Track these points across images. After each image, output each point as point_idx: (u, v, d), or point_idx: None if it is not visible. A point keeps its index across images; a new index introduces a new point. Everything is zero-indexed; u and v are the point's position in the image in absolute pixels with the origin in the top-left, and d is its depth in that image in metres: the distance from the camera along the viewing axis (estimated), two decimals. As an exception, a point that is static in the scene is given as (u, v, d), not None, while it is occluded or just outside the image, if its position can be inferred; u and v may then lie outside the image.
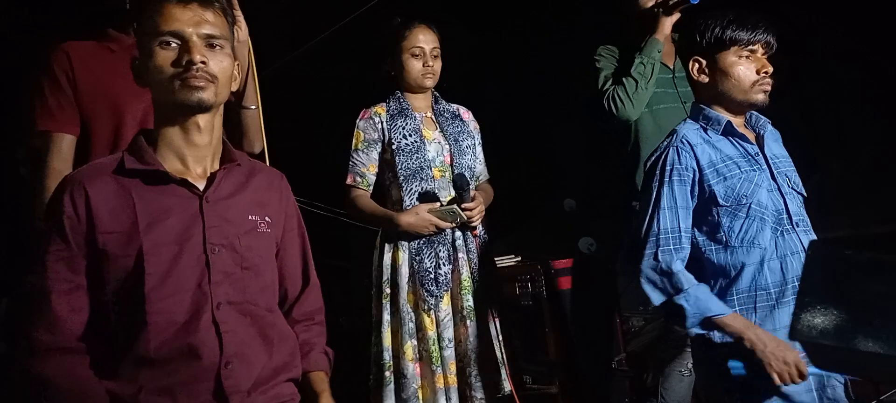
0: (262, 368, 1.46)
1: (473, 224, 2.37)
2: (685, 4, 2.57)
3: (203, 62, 1.41)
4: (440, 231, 2.34)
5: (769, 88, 1.92)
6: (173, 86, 1.41)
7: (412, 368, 2.27)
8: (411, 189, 2.36)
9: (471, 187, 2.37)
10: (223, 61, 1.46)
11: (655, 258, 1.87)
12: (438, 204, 2.36)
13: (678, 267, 1.86)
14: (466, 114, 2.59)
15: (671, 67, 2.71)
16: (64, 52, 1.98)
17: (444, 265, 2.33)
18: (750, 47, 1.90)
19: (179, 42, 1.42)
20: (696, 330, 1.84)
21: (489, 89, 3.78)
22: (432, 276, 2.30)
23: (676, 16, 2.60)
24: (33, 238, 1.92)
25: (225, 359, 1.40)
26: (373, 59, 2.55)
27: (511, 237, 3.34)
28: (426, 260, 2.31)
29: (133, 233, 1.38)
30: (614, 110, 2.57)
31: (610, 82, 2.62)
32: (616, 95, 2.57)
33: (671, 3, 2.60)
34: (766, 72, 1.90)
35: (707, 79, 1.95)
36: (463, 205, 2.32)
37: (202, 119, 1.46)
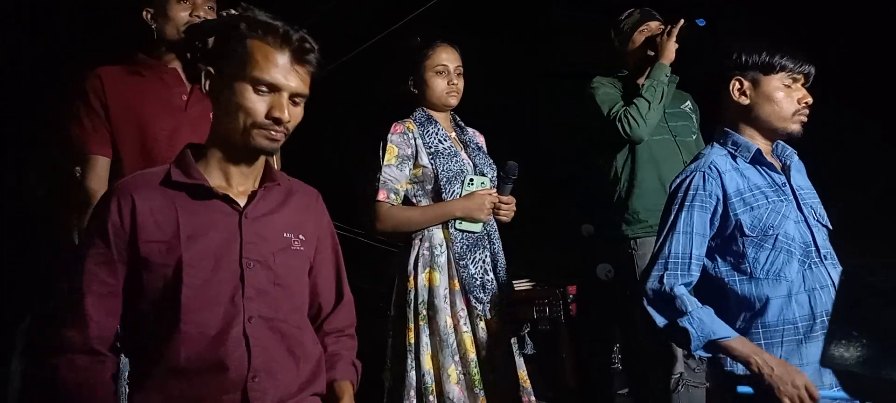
0: (288, 383, 1.48)
1: (502, 217, 2.37)
2: (693, 28, 2.66)
3: (288, 120, 1.46)
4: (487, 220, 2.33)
5: (805, 119, 1.92)
6: (252, 132, 1.45)
7: (457, 391, 2.20)
8: (453, 191, 2.33)
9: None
10: (299, 115, 1.51)
11: (660, 280, 1.86)
12: (472, 180, 2.34)
13: (681, 290, 1.84)
14: (480, 138, 2.58)
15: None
16: (97, 76, 2.05)
17: (489, 271, 2.31)
18: (795, 75, 1.90)
19: (272, 92, 1.45)
20: (701, 353, 1.82)
21: (498, 101, 3.80)
22: (479, 282, 2.27)
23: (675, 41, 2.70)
24: (58, 251, 1.96)
25: (252, 373, 1.42)
26: (394, 76, 2.53)
27: (523, 257, 3.32)
28: (471, 267, 2.28)
29: (174, 244, 1.41)
30: (628, 130, 2.62)
31: (618, 106, 2.68)
32: (628, 116, 2.62)
33: (678, 27, 2.68)
34: (806, 103, 1.90)
35: (747, 101, 1.94)
36: (501, 197, 2.33)
37: None
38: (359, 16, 3.71)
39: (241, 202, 1.50)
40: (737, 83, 1.94)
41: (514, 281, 2.68)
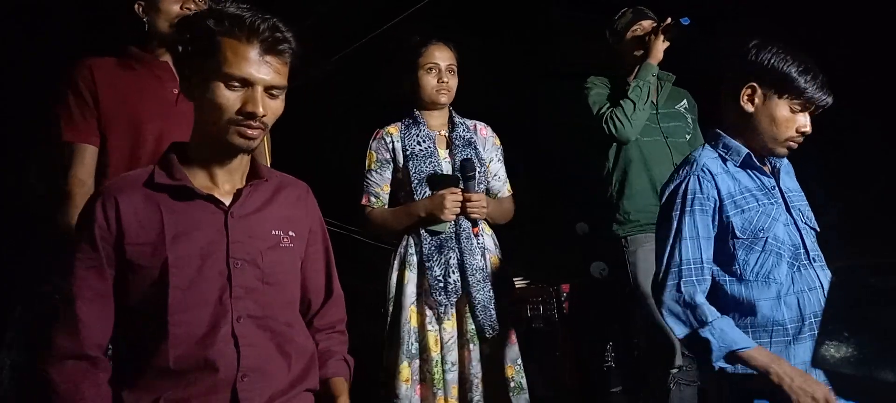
0: (279, 381, 1.48)
1: (472, 214, 2.35)
2: (678, 27, 2.71)
3: (263, 114, 1.42)
4: (456, 219, 2.34)
5: (795, 147, 1.89)
6: (228, 129, 1.43)
7: (406, 389, 2.24)
8: (425, 192, 2.36)
9: (477, 179, 2.37)
10: (278, 108, 1.48)
11: (678, 289, 1.84)
12: (439, 179, 2.36)
13: (701, 298, 1.83)
14: (484, 131, 2.56)
15: (655, 103, 2.80)
16: (87, 66, 2.04)
17: (453, 272, 2.31)
18: (807, 104, 1.84)
19: (244, 86, 1.42)
20: (721, 364, 1.80)
21: (498, 101, 3.80)
22: (441, 284, 2.29)
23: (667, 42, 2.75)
24: (53, 246, 1.96)
25: (241, 372, 1.42)
26: (392, 76, 2.56)
27: (523, 257, 3.33)
28: (436, 268, 2.30)
29: (159, 245, 1.41)
30: (614, 131, 2.68)
31: (607, 106, 2.72)
32: (614, 116, 2.68)
33: (665, 27, 2.73)
34: (803, 134, 1.87)
35: (751, 109, 1.88)
36: (466, 195, 2.33)
37: None
38: (357, 16, 3.72)
39: (227, 201, 1.49)
40: (749, 89, 1.88)
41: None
